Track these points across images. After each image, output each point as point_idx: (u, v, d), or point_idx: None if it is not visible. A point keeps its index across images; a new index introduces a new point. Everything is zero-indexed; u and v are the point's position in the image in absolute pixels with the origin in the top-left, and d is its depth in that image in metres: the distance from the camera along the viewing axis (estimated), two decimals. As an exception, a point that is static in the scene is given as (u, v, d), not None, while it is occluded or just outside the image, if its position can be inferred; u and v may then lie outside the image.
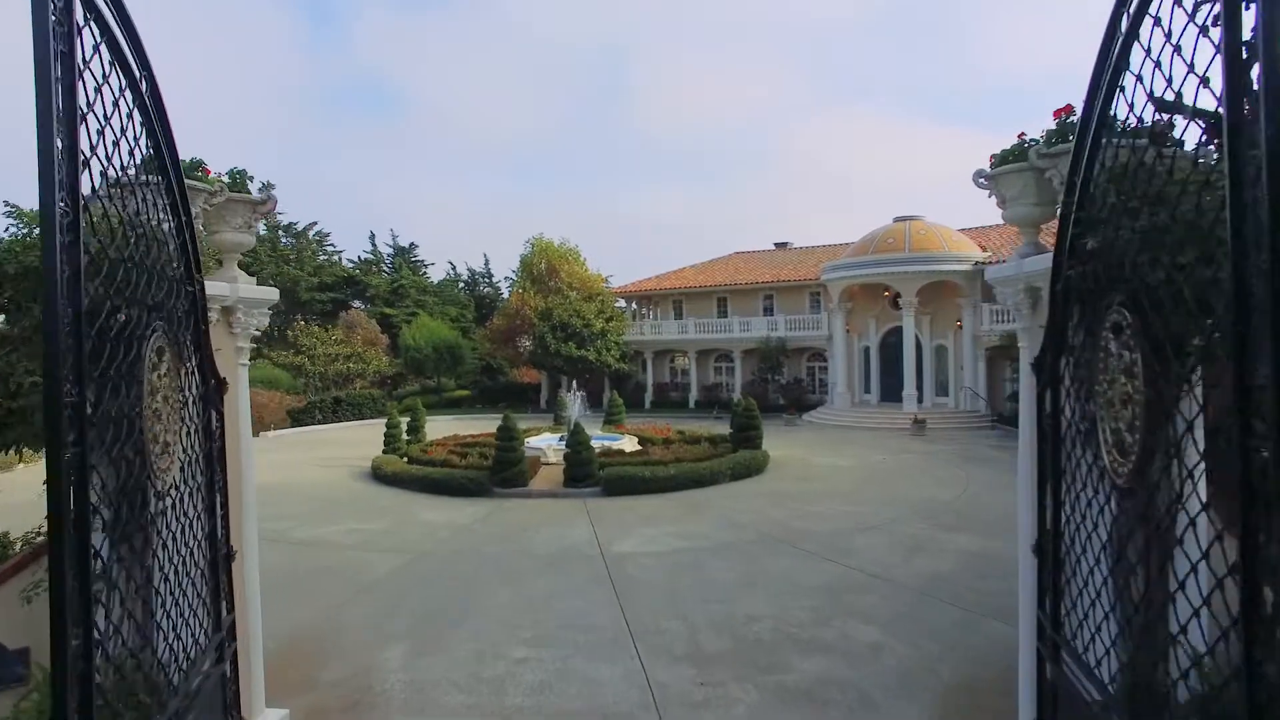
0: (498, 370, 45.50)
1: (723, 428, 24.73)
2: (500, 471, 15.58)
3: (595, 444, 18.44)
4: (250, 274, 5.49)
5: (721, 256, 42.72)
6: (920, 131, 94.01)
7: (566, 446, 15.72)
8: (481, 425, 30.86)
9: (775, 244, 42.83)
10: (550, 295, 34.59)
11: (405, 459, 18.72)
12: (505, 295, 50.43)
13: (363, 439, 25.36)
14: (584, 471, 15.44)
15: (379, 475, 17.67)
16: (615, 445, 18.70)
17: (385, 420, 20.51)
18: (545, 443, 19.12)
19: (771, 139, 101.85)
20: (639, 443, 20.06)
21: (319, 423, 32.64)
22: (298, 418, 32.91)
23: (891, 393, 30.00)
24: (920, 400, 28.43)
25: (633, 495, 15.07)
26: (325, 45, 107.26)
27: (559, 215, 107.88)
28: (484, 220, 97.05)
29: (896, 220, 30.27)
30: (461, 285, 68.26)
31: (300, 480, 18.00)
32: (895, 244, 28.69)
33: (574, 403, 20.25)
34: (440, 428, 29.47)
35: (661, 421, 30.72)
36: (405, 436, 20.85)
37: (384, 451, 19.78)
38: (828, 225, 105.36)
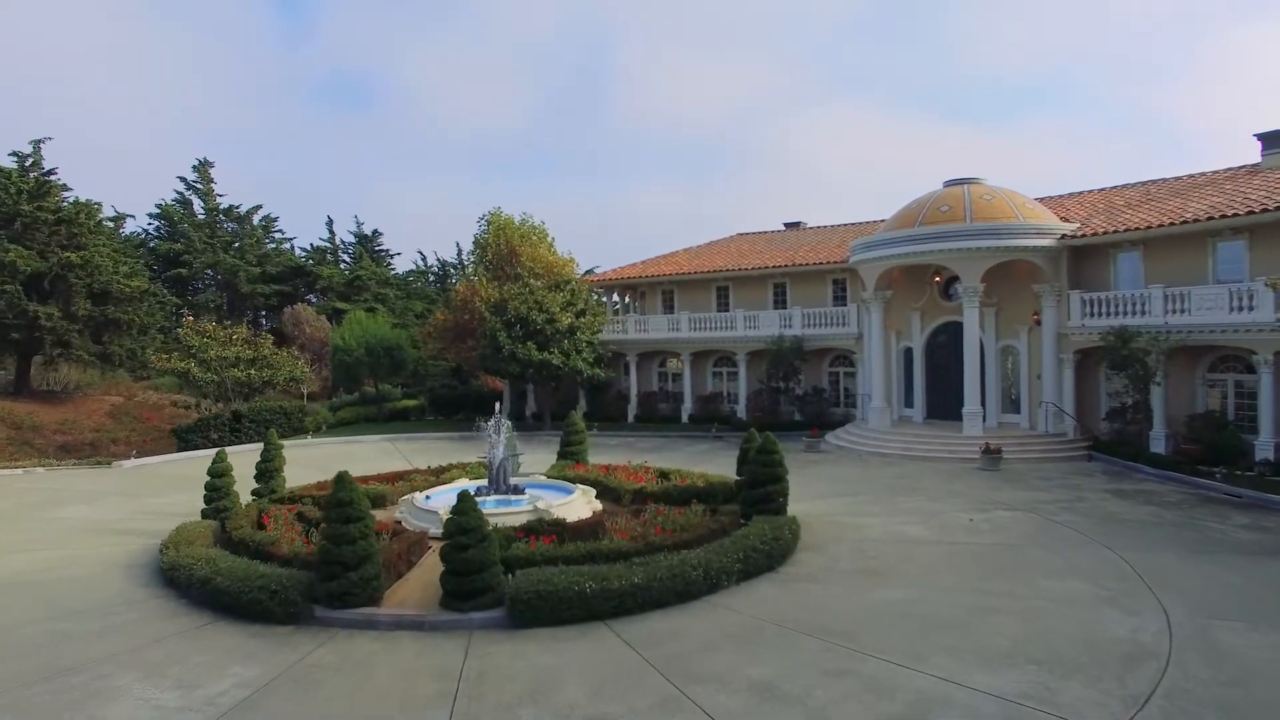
0: (469, 374, 38.50)
1: (725, 457, 17.88)
2: (329, 577, 8.59)
3: (522, 505, 11.58)
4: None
5: (722, 238, 35.69)
6: (918, 129, 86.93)
7: (444, 533, 8.73)
8: (418, 450, 24.09)
9: (785, 224, 35.80)
10: (508, 284, 27.53)
11: (223, 528, 11.80)
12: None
13: (247, 474, 17.80)
14: (474, 584, 8.43)
15: (162, 567, 10.70)
16: (556, 506, 11.74)
17: (217, 460, 13.45)
18: (446, 502, 11.97)
19: (768, 135, 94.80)
20: (597, 496, 13.17)
21: (215, 444, 25.55)
22: (186, 438, 25.95)
23: (941, 408, 23.06)
24: (985, 419, 21.48)
25: (563, 627, 8.17)
26: (297, 35, 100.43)
27: (546, 209, 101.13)
28: (466, 215, 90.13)
29: (949, 184, 23.24)
30: (431, 278, 61.35)
31: (29, 572, 11.04)
32: (952, 213, 21.67)
33: (497, 437, 12.91)
34: (357, 455, 22.52)
35: (647, 443, 23.91)
36: (254, 484, 14.01)
37: (203, 513, 12.86)
38: (827, 222, 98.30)
